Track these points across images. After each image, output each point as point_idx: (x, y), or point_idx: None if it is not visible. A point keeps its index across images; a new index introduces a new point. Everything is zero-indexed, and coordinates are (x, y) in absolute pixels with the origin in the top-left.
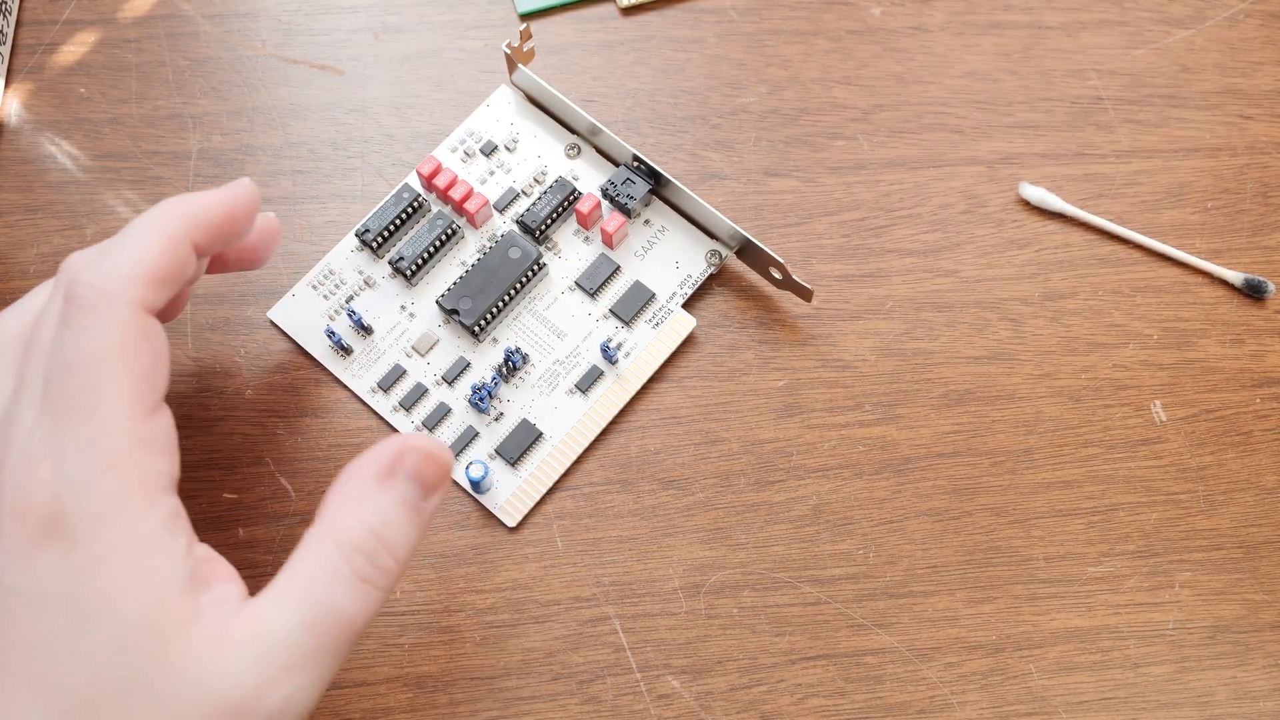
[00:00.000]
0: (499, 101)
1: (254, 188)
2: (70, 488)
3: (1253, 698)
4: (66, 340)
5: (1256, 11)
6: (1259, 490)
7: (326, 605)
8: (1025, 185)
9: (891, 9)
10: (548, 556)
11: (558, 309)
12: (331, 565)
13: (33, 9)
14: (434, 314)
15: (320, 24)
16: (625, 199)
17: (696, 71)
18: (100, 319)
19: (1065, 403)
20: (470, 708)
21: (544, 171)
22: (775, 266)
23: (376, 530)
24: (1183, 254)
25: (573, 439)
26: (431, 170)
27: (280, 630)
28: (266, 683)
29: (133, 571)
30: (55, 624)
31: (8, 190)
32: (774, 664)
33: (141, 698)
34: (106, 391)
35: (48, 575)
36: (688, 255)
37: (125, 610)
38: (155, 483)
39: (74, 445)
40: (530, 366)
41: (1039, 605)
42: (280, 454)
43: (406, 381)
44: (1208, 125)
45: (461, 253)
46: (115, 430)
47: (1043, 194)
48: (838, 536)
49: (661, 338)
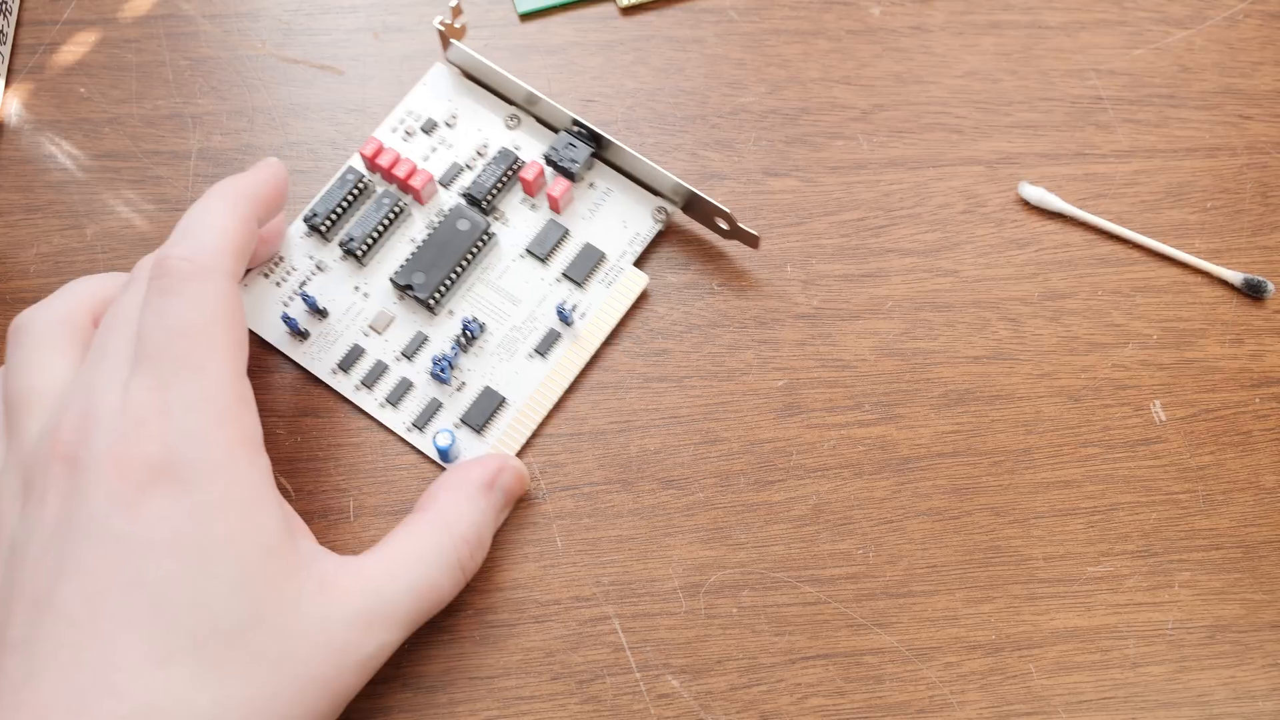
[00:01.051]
0: (435, 79)
1: (282, 165)
2: (185, 439)
3: (1252, 697)
4: (169, 308)
5: (1256, 11)
6: (1258, 490)
7: (432, 580)
8: (1025, 185)
9: (891, 9)
10: (547, 556)
11: (510, 276)
12: (443, 549)
13: (33, 9)
14: (388, 292)
15: (320, 24)
16: (568, 163)
17: (696, 71)
18: (202, 288)
19: (1065, 402)
20: (469, 707)
21: (485, 144)
22: (721, 216)
23: (479, 528)
24: (1182, 254)
25: (536, 402)
26: (374, 151)
27: (390, 590)
28: (370, 629)
29: (248, 517)
30: (165, 567)
31: (8, 190)
32: (774, 664)
33: (255, 635)
34: (215, 352)
35: (157, 520)
36: (634, 214)
37: (244, 552)
38: (255, 439)
39: (185, 401)
40: (488, 335)
41: (1038, 605)
42: (280, 454)
43: (366, 360)
44: (1207, 125)
45: (410, 230)
46: (224, 388)
47: (1042, 194)
48: (837, 536)
49: (615, 296)
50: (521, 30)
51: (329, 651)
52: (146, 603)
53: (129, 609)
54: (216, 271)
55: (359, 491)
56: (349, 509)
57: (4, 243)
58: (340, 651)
